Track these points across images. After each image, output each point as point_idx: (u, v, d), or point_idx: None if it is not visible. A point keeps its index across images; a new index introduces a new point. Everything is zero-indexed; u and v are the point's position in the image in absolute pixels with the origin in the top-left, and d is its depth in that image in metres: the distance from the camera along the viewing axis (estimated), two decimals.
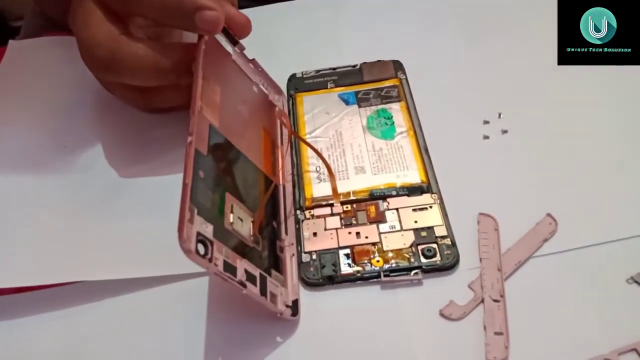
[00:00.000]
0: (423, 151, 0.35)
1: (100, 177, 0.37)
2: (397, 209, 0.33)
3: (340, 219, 0.33)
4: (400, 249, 0.31)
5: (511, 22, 0.43)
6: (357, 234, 0.32)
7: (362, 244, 0.32)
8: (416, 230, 0.32)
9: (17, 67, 0.44)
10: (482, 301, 0.29)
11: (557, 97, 0.38)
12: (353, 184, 0.34)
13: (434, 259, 0.31)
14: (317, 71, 0.42)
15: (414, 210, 0.33)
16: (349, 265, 0.31)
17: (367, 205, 0.33)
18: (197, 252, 0.24)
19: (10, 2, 1.23)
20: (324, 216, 0.33)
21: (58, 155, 0.38)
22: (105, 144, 0.39)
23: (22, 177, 0.37)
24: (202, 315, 0.30)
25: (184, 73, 0.32)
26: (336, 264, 0.31)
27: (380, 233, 0.32)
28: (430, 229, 0.32)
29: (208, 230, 0.26)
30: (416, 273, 0.30)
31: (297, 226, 0.33)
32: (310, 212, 0.33)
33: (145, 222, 0.34)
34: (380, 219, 0.33)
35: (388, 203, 0.33)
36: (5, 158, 0.39)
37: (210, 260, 0.25)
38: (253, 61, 0.37)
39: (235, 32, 0.35)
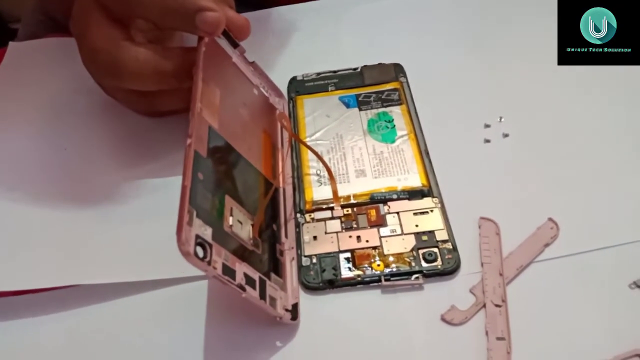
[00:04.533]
0: (424, 154, 0.35)
1: (99, 180, 0.36)
2: (397, 213, 0.33)
3: (341, 222, 0.33)
4: (401, 253, 0.31)
5: (512, 25, 0.43)
6: (358, 237, 0.32)
7: (362, 248, 0.31)
8: (417, 234, 0.32)
9: (16, 69, 0.44)
10: (484, 306, 0.29)
11: (558, 100, 0.38)
12: (354, 187, 0.34)
13: (435, 264, 0.30)
14: (318, 74, 0.41)
15: (414, 214, 0.33)
16: (350, 269, 0.31)
17: (368, 208, 0.33)
18: (196, 254, 0.24)
19: (9, 4, 1.23)
20: (325, 220, 0.33)
21: (57, 158, 0.38)
22: (105, 146, 0.38)
23: (22, 180, 0.37)
24: (201, 319, 0.30)
25: (185, 77, 0.32)
26: (336, 268, 0.31)
27: (381, 237, 0.32)
28: (431, 233, 0.32)
29: (207, 233, 0.25)
30: (417, 277, 0.30)
31: (297, 229, 0.33)
32: (310, 216, 0.33)
33: (145, 225, 0.34)
34: (381, 222, 0.32)
35: (389, 207, 0.33)
36: (5, 160, 0.38)
37: (209, 263, 0.24)
38: (253, 64, 0.37)
39: (235, 35, 0.35)
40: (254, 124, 0.35)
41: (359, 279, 0.30)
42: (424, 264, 0.30)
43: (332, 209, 0.33)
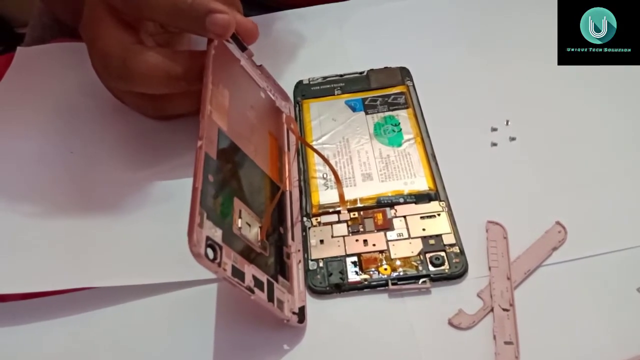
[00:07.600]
0: (431, 158, 0.35)
1: (106, 183, 0.36)
2: (404, 217, 0.33)
3: (348, 226, 0.33)
4: (408, 257, 0.31)
5: (516, 27, 0.43)
6: (365, 241, 0.32)
7: (369, 252, 0.31)
8: (424, 238, 0.31)
9: (24, 74, 0.44)
10: (492, 310, 0.29)
11: (564, 103, 0.38)
12: (360, 191, 0.34)
13: (442, 267, 0.30)
14: (324, 78, 0.42)
15: (421, 217, 0.32)
16: (357, 273, 0.31)
17: (375, 212, 0.33)
18: (207, 256, 0.24)
19: (16, 9, 1.24)
20: (331, 223, 0.33)
21: (65, 161, 0.38)
22: (112, 150, 0.38)
23: (29, 183, 0.37)
24: (209, 321, 0.30)
25: (195, 80, 0.32)
26: (343, 272, 0.31)
27: (387, 241, 0.32)
28: (438, 236, 0.31)
29: (217, 234, 0.25)
30: (424, 281, 0.30)
31: (304, 233, 0.33)
32: (317, 219, 0.33)
33: (154, 227, 0.34)
34: (387, 226, 0.32)
35: (395, 210, 0.33)
36: (13, 164, 0.38)
37: (219, 264, 0.24)
38: (261, 67, 0.37)
39: (244, 38, 0.35)
40: (261, 127, 0.35)
41: (366, 283, 0.30)
42: (431, 268, 0.30)
43: (338, 212, 0.33)
